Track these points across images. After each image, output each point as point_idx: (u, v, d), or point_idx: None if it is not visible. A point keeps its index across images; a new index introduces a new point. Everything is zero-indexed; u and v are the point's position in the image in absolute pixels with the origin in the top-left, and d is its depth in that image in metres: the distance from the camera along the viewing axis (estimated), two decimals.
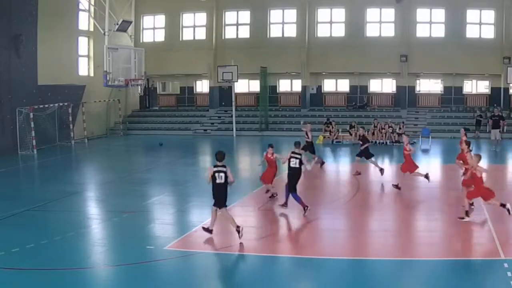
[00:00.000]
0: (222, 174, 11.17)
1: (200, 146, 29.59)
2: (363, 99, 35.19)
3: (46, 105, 26.98)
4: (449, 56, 31.68)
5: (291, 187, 13.61)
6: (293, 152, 13.67)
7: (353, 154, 25.52)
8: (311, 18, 34.36)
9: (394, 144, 27.33)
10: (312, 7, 34.30)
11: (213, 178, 11.20)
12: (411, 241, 11.64)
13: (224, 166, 11.25)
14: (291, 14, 35.09)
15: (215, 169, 11.23)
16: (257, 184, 17.06)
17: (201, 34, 36.22)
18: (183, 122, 35.13)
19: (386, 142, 27.55)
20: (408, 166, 16.11)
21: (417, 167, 16.21)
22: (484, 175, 12.46)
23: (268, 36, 35.29)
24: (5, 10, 24.53)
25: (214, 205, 11.43)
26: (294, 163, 13.54)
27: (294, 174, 13.61)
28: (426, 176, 16.21)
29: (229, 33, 36.15)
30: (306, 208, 13.25)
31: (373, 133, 27.85)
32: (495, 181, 17.68)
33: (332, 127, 29.16)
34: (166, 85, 40.28)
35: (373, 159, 18.79)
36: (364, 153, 18.65)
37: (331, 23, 34.63)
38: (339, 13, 34.30)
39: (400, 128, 27.97)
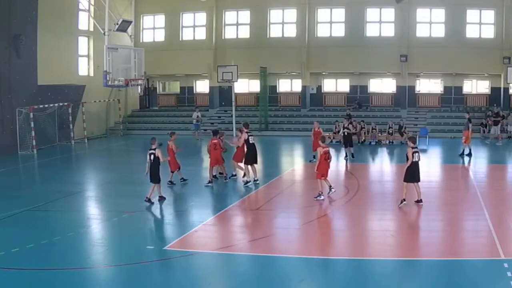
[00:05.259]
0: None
1: (199, 146, 29.53)
2: (357, 99, 34.89)
3: (46, 105, 26.95)
4: (449, 56, 31.69)
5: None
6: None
7: (355, 154, 25.66)
8: (311, 18, 34.35)
9: (396, 143, 27.32)
10: (312, 7, 34.29)
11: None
12: (411, 241, 11.63)
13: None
14: (291, 14, 35.09)
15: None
16: (257, 184, 17.07)
17: (201, 34, 36.23)
18: (183, 122, 35.09)
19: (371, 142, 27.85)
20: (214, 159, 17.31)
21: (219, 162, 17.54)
22: None
23: (268, 36, 35.29)
24: (5, 10, 24.48)
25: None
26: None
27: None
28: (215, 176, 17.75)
29: (229, 33, 36.15)
30: None
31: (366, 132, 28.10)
32: (495, 181, 17.80)
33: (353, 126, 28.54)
34: (166, 85, 40.30)
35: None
36: None
37: (331, 23, 34.62)
38: (339, 13, 34.30)
39: (400, 127, 27.91)
